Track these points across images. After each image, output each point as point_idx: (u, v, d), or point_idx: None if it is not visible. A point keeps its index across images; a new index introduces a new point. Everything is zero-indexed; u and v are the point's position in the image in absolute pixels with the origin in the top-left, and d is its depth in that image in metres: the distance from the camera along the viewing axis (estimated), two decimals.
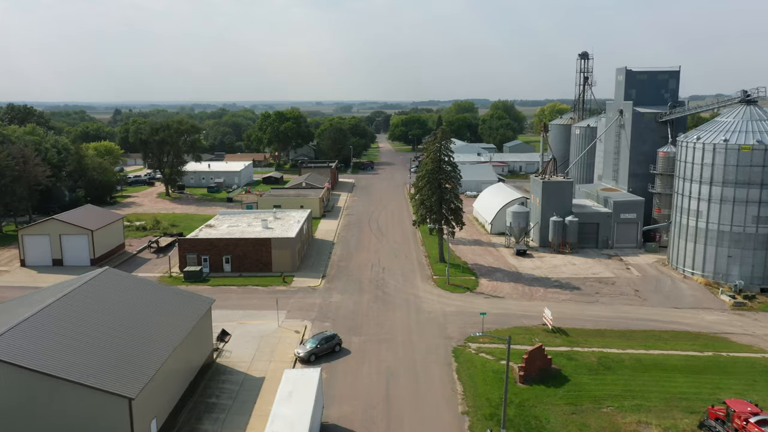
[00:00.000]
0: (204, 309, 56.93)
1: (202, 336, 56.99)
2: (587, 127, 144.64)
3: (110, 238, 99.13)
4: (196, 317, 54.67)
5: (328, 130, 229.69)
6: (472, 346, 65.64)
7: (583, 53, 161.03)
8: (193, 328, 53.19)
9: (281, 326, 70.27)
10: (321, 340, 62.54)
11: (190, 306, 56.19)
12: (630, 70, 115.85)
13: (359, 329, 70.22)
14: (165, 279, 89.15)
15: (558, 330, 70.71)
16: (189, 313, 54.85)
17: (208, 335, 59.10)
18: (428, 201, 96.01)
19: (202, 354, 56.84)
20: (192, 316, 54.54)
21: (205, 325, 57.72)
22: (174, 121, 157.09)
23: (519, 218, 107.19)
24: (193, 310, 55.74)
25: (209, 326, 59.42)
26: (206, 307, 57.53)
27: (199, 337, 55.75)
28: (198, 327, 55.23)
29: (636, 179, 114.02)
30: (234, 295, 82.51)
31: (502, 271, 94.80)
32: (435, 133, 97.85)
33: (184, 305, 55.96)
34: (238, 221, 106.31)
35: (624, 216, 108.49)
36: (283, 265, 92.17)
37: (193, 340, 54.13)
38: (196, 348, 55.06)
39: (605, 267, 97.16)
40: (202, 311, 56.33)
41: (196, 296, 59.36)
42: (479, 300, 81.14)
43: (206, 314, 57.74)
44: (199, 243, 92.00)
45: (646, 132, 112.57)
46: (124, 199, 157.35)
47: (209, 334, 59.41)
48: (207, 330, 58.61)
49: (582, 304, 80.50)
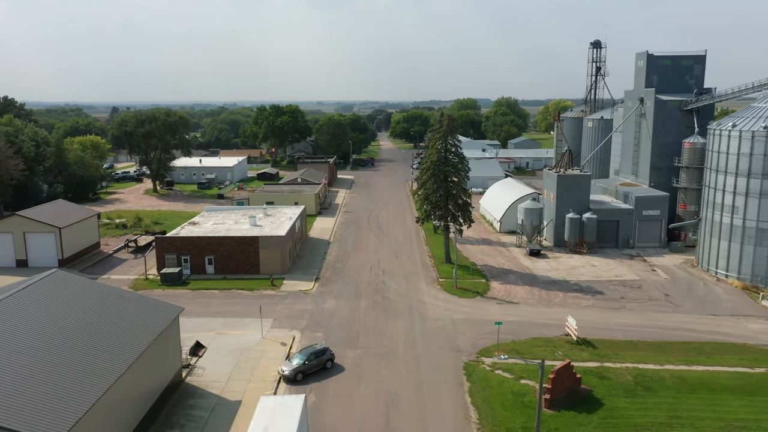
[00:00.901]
0: (169, 319, 47.78)
1: (167, 351, 47.84)
2: (601, 120, 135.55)
3: (82, 237, 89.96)
4: (158, 329, 45.53)
5: (326, 124, 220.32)
6: (487, 362, 56.39)
7: (595, 41, 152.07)
8: (153, 343, 44.07)
9: (266, 337, 61.11)
10: (310, 355, 53.35)
11: (152, 316, 47.05)
12: (651, 54, 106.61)
13: (355, 341, 61.02)
14: (140, 282, 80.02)
15: (584, 341, 61.53)
16: (150, 324, 45.71)
17: (175, 350, 49.92)
18: (433, 196, 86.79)
19: (166, 372, 47.70)
20: (153, 327, 45.40)
21: (170, 338, 48.58)
22: (161, 112, 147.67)
23: (532, 215, 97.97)
24: (156, 320, 46.60)
25: (176, 339, 50.25)
26: (172, 317, 48.37)
27: (162, 353, 46.61)
28: (161, 341, 46.11)
29: (658, 173, 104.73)
30: (215, 300, 73.32)
31: (514, 273, 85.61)
32: (441, 121, 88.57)
33: (145, 315, 46.82)
34: (225, 218, 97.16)
35: (646, 213, 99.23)
36: (272, 266, 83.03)
37: (154, 356, 45.02)
38: (158, 365, 45.94)
39: (628, 268, 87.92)
40: (166, 322, 47.18)
41: (161, 304, 50.16)
42: (491, 306, 71.97)
43: (172, 325, 48.60)
44: (178, 242, 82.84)
45: (670, 121, 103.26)
46: (108, 195, 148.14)
47: (176, 349, 50.24)
48: (173, 343, 49.44)
49: (607, 310, 71.30)
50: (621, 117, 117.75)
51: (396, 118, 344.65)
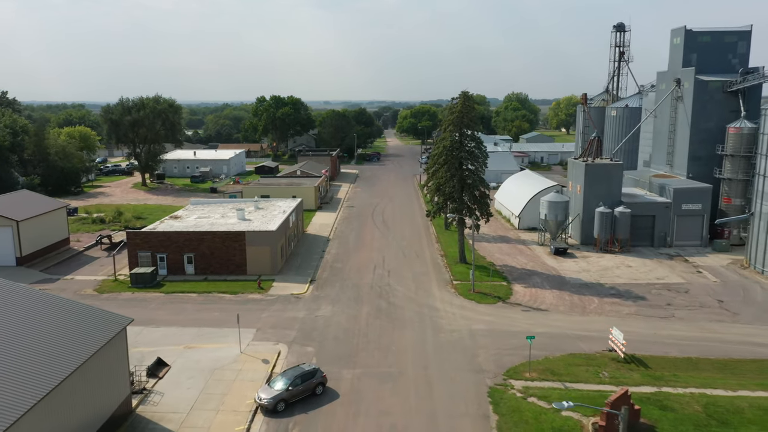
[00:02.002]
0: (110, 333, 36.94)
1: (108, 374, 37.04)
2: (626, 108, 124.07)
3: (47, 232, 79.37)
4: (93, 347, 34.70)
5: (330, 117, 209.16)
6: (517, 386, 45.28)
7: (618, 24, 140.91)
8: (84, 364, 33.29)
9: (245, 352, 50.22)
10: (295, 378, 42.42)
11: (87, 329, 36.24)
12: (690, 30, 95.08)
13: (354, 358, 50.01)
14: (107, 283, 69.32)
15: (632, 359, 50.38)
16: (83, 340, 34.92)
17: (121, 372, 39.03)
18: (446, 186, 75.67)
19: (107, 402, 36.87)
20: (86, 345, 34.58)
21: (113, 357, 37.74)
22: (150, 100, 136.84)
23: (557, 209, 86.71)
24: (91, 335, 35.77)
25: (123, 358, 39.36)
26: (115, 331, 37.50)
27: (100, 377, 35.83)
28: (98, 361, 35.33)
29: (697, 163, 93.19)
30: (191, 305, 62.47)
31: (539, 274, 74.49)
32: (455, 99, 77.31)
33: (78, 328, 36.01)
34: (212, 212, 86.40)
35: (686, 207, 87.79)
36: (261, 265, 72.21)
37: (88, 382, 34.28)
38: (94, 394, 35.16)
39: (670, 270, 76.61)
40: (106, 337, 36.34)
41: (104, 314, 39.28)
42: (516, 314, 60.85)
43: (115, 341, 37.75)
44: (153, 238, 72.12)
45: (711, 105, 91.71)
46: (93, 189, 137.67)
47: (123, 370, 39.32)
48: (118, 364, 38.58)
49: (653, 320, 60.05)
50: (652, 102, 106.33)
51: (403, 114, 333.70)
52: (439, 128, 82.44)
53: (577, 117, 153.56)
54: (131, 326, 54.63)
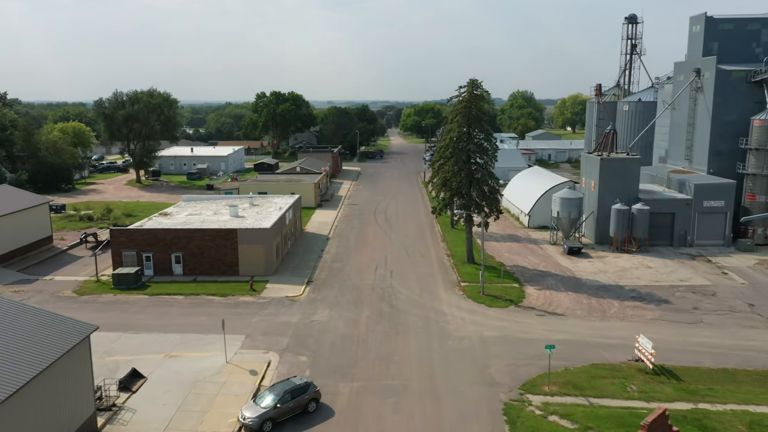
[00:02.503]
0: (68, 343, 31.96)
1: (68, 390, 32.10)
2: (638, 102, 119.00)
3: (27, 230, 74.52)
4: (48, 359, 29.75)
5: (331, 113, 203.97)
6: (535, 402, 40.18)
7: (630, 16, 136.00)
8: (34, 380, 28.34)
9: (231, 362, 45.22)
10: (285, 393, 37.38)
11: (44, 339, 31.29)
12: (711, 17, 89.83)
13: (352, 369, 44.94)
14: (89, 285, 64.41)
15: (662, 370, 45.25)
16: (37, 351, 29.95)
17: (84, 387, 34.05)
18: (453, 180, 70.60)
19: (64, 423, 31.91)
20: (40, 357, 29.63)
21: (73, 371, 32.79)
22: (144, 94, 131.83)
23: (570, 206, 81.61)
24: (47, 346, 30.82)
25: (86, 371, 34.39)
26: (75, 340, 32.52)
27: (56, 394, 30.92)
28: (53, 376, 30.39)
29: (719, 157, 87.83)
30: (176, 309, 57.48)
31: (553, 275, 69.36)
32: (462, 88, 72.07)
33: (33, 338, 31.06)
34: (204, 208, 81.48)
35: (708, 204, 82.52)
36: (255, 265, 67.22)
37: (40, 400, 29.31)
38: (47, 414, 30.19)
39: (693, 271, 71.41)
40: (64, 348, 31.37)
41: (65, 322, 34.28)
42: (530, 319, 55.73)
43: (77, 352, 32.79)
44: (138, 236, 67.20)
45: (734, 96, 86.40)
46: (86, 186, 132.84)
47: (85, 385, 34.34)
48: (80, 378, 33.63)
49: (681, 325, 54.86)
50: (669, 95, 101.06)
51: (407, 112, 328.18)
52: (444, 123, 77.35)
53: (587, 111, 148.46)
54: (108, 332, 50.01)
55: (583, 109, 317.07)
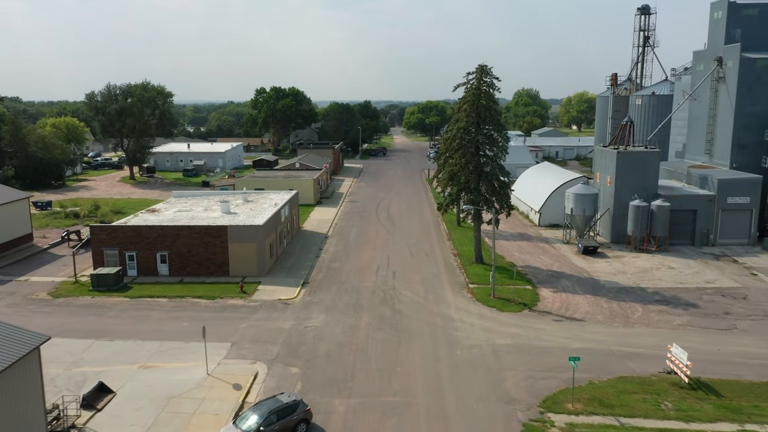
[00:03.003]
0: (9, 359, 26.91)
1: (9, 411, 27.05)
2: (652, 96, 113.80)
3: (5, 226, 69.64)
4: None
5: (333, 109, 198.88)
6: (558, 422, 35.08)
7: (643, 6, 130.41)
8: None
9: (213, 374, 40.19)
10: (270, 413, 32.38)
11: None
12: (734, 2, 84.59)
13: (349, 382, 39.85)
14: (66, 286, 59.50)
15: (698, 384, 40.11)
16: None
17: (32, 407, 29.05)
18: (461, 174, 65.49)
19: None
20: None
21: (18, 389, 27.77)
22: (138, 87, 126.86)
23: (584, 203, 76.46)
24: None
25: (35, 388, 29.38)
26: (19, 354, 27.50)
27: None
28: None
29: (743, 151, 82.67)
30: (158, 313, 52.49)
31: (568, 276, 64.22)
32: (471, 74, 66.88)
33: None
34: (194, 205, 76.55)
35: (732, 201, 77.26)
36: (246, 265, 62.22)
37: None
38: None
39: (719, 272, 66.20)
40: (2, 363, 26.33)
41: (11, 332, 29.25)
42: (547, 324, 50.60)
43: (22, 366, 27.77)
44: (120, 233, 62.25)
45: (759, 85, 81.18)
46: (78, 182, 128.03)
47: (34, 405, 29.34)
48: (27, 397, 28.61)
49: (712, 332, 49.70)
50: (687, 87, 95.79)
51: (410, 110, 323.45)
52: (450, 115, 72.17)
53: (598, 105, 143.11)
54: (79, 339, 45.28)
55: (589, 107, 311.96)
